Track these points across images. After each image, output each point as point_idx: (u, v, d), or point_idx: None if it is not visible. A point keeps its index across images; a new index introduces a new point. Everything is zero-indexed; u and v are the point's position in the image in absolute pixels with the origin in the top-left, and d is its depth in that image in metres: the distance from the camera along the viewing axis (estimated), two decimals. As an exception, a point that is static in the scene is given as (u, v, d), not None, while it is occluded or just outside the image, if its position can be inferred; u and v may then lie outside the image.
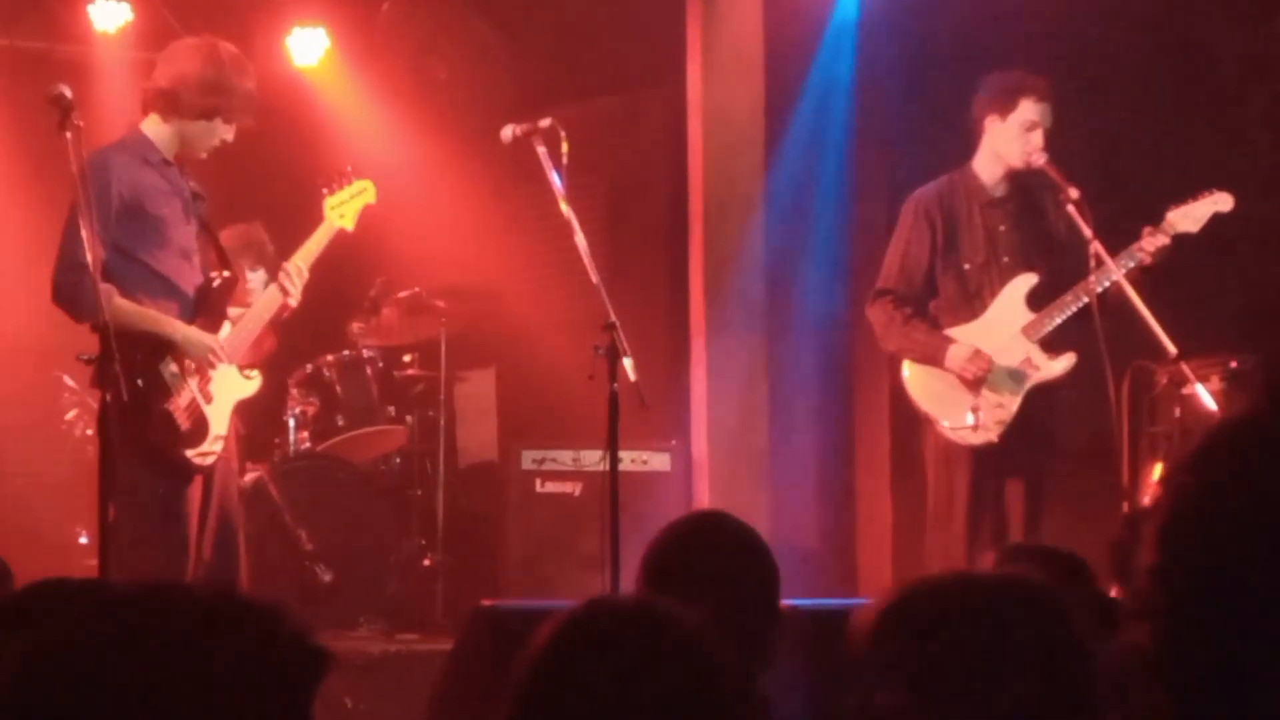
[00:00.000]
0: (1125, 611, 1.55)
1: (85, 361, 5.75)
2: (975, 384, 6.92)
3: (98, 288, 5.61)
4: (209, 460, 6.33)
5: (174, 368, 6.30)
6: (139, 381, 6.15)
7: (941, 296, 7.12)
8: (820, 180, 8.84)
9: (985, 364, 6.90)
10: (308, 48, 9.27)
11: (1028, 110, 6.95)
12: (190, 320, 6.37)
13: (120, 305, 6.12)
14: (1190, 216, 6.80)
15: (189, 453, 6.27)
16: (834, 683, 4.40)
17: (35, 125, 6.60)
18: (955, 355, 6.94)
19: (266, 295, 6.60)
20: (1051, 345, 6.97)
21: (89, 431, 8.09)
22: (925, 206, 7.13)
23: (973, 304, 7.07)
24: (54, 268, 6.12)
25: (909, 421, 7.61)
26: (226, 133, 6.43)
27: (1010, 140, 6.99)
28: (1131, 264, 6.77)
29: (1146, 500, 6.57)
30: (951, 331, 7.03)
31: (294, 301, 6.56)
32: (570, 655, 2.03)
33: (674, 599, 2.24)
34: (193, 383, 6.33)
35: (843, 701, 4.24)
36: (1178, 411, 7.06)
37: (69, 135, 5.68)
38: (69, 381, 8.40)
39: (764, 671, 3.30)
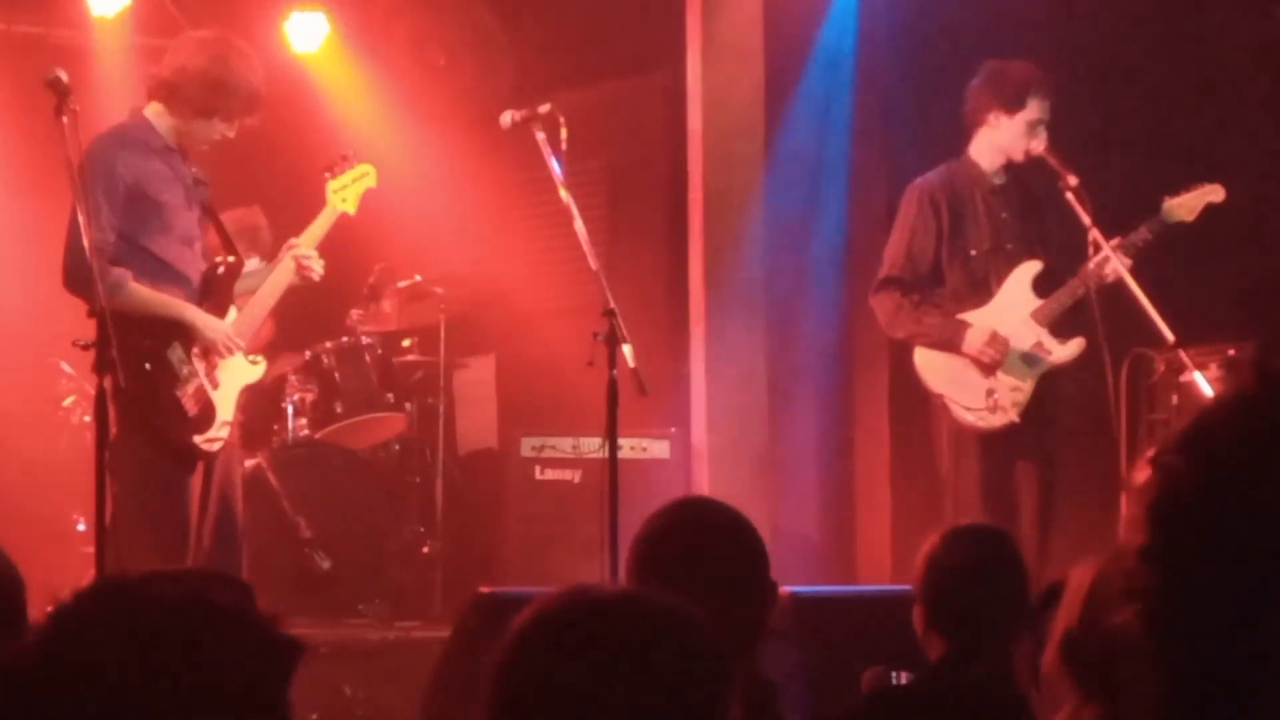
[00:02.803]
0: (1117, 593, 1.53)
1: (82, 347, 5.75)
2: (991, 367, 6.94)
3: (94, 273, 5.61)
4: (215, 446, 6.33)
5: (182, 353, 6.31)
6: (147, 366, 6.18)
7: (949, 284, 7.12)
8: (820, 166, 8.83)
9: (1004, 347, 6.94)
10: (307, 32, 9.23)
11: (1034, 109, 6.98)
12: (196, 306, 6.38)
13: (137, 290, 6.15)
14: (1184, 206, 6.89)
15: (197, 438, 6.28)
16: (832, 667, 4.42)
17: (32, 110, 6.59)
18: (973, 339, 6.96)
19: (272, 281, 6.59)
20: (1056, 331, 6.99)
21: (86, 418, 8.08)
22: (930, 194, 7.14)
23: (979, 291, 7.09)
24: (64, 254, 6.10)
25: (909, 409, 7.60)
26: (227, 130, 6.45)
27: (1015, 137, 7.02)
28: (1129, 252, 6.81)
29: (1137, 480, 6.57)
30: (964, 316, 7.04)
31: (316, 276, 6.54)
32: (547, 639, 2.02)
33: (664, 585, 2.23)
34: (200, 368, 6.34)
35: (841, 685, 4.26)
36: (1175, 399, 7.08)
37: (65, 120, 5.68)
38: (66, 368, 8.38)
39: (755, 653, 3.32)
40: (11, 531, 7.93)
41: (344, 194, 6.76)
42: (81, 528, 8.27)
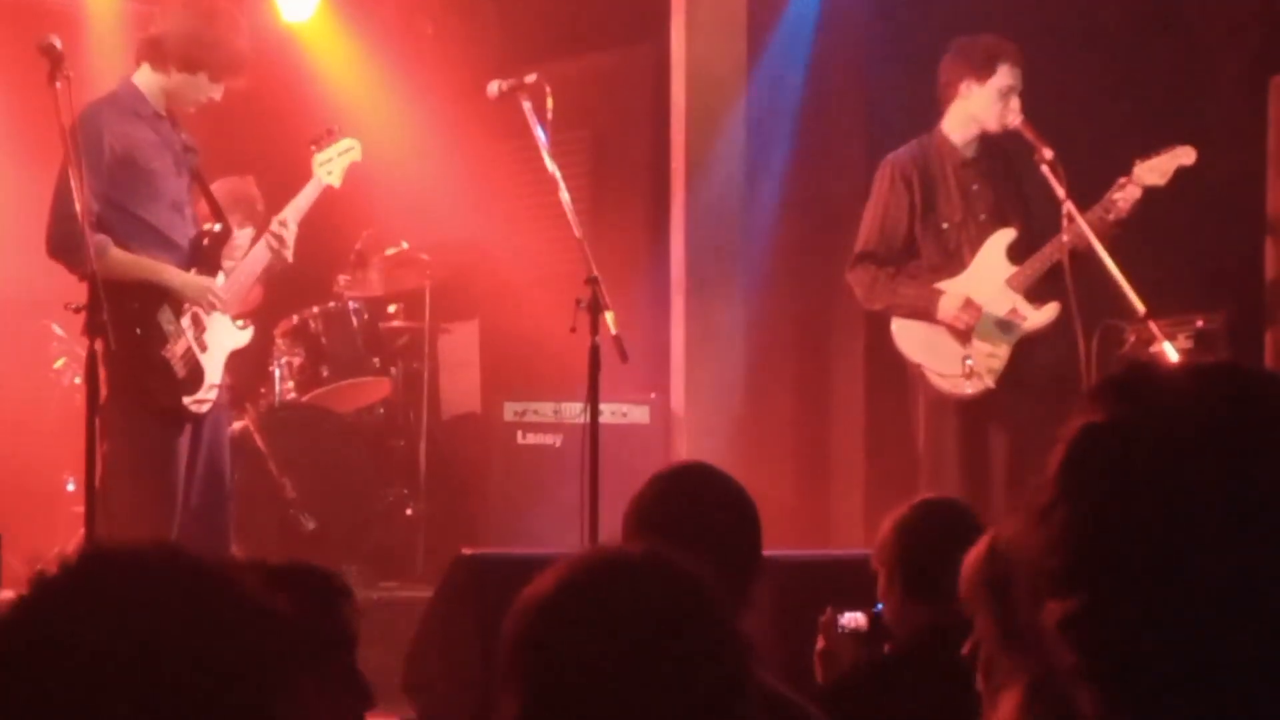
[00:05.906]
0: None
1: (74, 310, 5.83)
2: (966, 332, 7.03)
3: (85, 238, 5.70)
4: (204, 408, 6.41)
5: (171, 316, 6.39)
6: (136, 329, 6.26)
7: (922, 257, 7.19)
8: (801, 138, 8.90)
9: (977, 312, 7.00)
10: (297, 1, 9.25)
11: (1005, 75, 7.04)
12: (185, 271, 6.47)
13: (117, 255, 6.21)
14: (1156, 169, 6.89)
15: (185, 399, 6.37)
16: (803, 629, 4.52)
17: (24, 76, 6.65)
18: (947, 306, 7.03)
19: (259, 248, 6.67)
20: (1031, 298, 7.07)
21: (76, 380, 8.16)
22: (902, 169, 7.21)
23: (953, 262, 7.16)
24: (48, 220, 6.17)
25: (884, 378, 7.67)
26: (213, 90, 6.50)
27: (988, 104, 7.08)
28: (1108, 216, 6.87)
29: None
30: (939, 285, 7.12)
31: (289, 256, 6.64)
32: (578, 602, 2.01)
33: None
34: (189, 331, 6.43)
35: (812, 646, 4.35)
36: (1146, 370, 7.13)
37: (59, 86, 5.74)
38: (57, 330, 8.45)
39: (745, 617, 3.40)
40: (1, 492, 8.05)
41: (329, 167, 6.84)
42: (71, 488, 8.35)
